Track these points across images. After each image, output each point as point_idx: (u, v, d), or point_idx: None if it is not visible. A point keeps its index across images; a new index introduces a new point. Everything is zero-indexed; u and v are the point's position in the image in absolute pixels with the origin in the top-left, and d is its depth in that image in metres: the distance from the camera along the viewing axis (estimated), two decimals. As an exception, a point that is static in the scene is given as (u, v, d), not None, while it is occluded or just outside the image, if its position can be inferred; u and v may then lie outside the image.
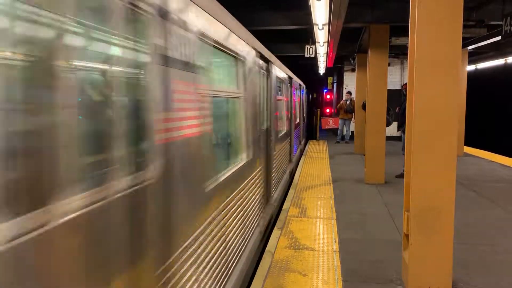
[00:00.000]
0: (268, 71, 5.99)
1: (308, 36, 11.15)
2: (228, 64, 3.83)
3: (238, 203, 3.71)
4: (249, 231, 4.30)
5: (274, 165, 6.41)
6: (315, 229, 5.39)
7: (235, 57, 3.74)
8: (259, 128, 4.95)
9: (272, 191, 6.18)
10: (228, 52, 3.44)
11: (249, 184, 4.28)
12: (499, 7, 8.02)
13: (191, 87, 2.38)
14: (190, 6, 2.37)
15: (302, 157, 12.05)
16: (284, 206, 6.51)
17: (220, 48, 3.14)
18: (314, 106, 22.80)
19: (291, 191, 7.56)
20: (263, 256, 4.44)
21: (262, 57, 5.26)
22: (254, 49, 4.61)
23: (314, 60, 14.35)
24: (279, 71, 7.43)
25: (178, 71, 2.15)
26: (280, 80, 7.61)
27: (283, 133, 8.00)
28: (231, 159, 3.95)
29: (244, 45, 4.07)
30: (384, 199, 6.99)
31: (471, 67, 14.44)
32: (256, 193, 4.68)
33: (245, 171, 4.07)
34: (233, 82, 3.93)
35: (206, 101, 2.66)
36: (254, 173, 4.54)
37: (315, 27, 7.93)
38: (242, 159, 4.04)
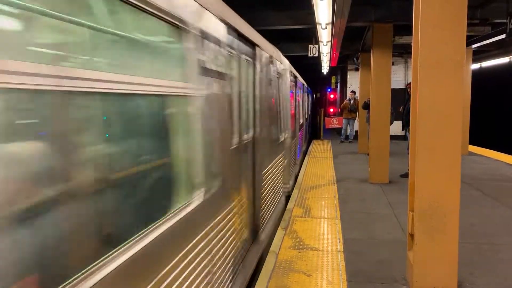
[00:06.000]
0: (296, 81, 9.82)
1: (311, 36, 11.14)
2: (293, 84, 8.40)
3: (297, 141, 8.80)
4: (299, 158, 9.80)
5: (301, 137, 11.49)
6: (320, 229, 5.38)
7: (290, 80, 7.72)
8: (299, 114, 10.49)
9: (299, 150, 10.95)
10: (291, 80, 7.75)
11: (299, 135, 9.80)
12: (504, 5, 7.98)
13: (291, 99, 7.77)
14: (287, 72, 6.96)
15: (306, 157, 12.04)
16: (288, 206, 6.51)
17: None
18: (318, 105, 22.77)
19: (295, 191, 7.54)
20: (267, 256, 4.44)
21: (295, 76, 9.43)
22: (292, 73, 8.52)
23: (317, 60, 14.32)
24: (299, 82, 11.76)
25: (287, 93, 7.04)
26: (300, 87, 12.01)
27: (305, 118, 13.81)
28: (297, 123, 9.24)
29: (292, 73, 8.30)
30: (389, 199, 6.97)
31: (475, 66, 14.37)
32: (299, 144, 10.26)
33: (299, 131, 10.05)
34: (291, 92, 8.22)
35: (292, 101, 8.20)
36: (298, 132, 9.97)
37: (318, 27, 7.93)
38: (300, 123, 9.59)
